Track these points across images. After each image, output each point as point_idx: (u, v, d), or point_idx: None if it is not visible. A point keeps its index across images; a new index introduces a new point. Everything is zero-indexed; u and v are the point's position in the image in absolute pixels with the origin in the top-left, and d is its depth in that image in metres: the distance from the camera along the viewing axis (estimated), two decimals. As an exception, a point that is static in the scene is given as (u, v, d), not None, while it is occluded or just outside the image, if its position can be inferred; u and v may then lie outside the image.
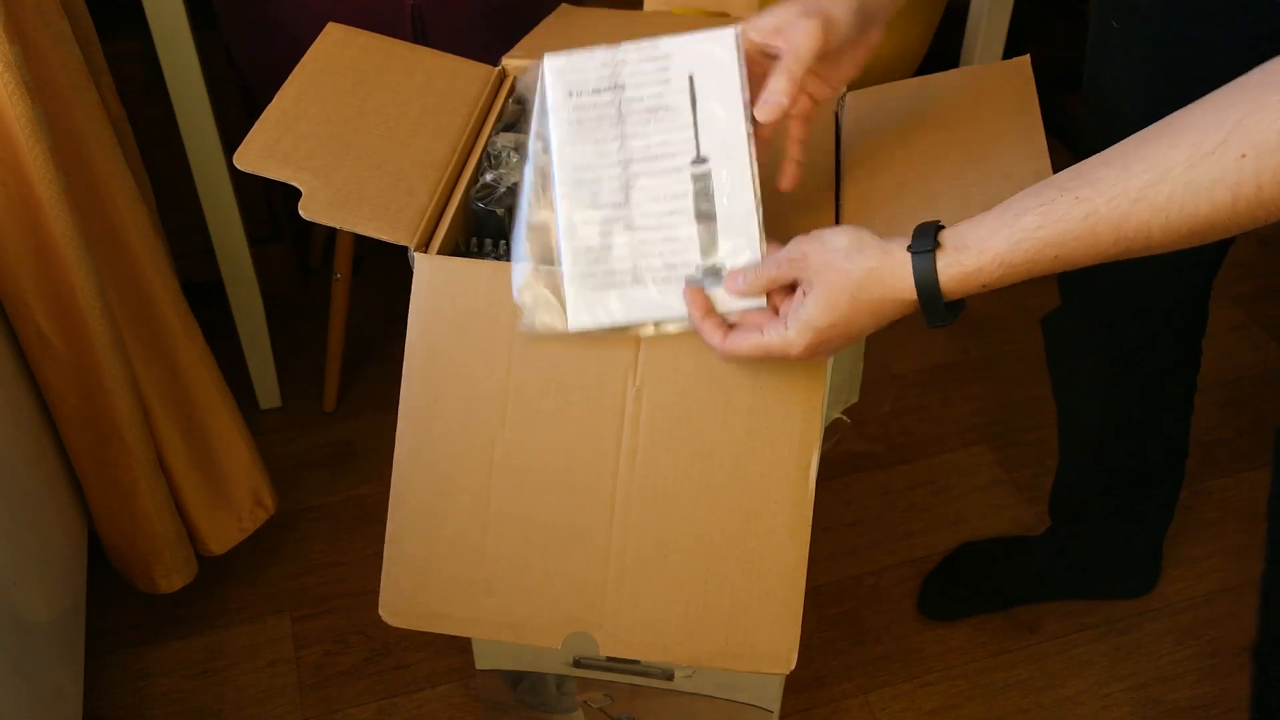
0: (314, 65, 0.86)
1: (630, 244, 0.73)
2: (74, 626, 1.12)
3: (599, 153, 0.74)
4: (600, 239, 0.74)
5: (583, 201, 0.74)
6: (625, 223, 0.73)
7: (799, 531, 0.71)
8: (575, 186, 0.74)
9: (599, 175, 0.74)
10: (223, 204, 1.30)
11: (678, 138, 0.73)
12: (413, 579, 0.74)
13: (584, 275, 0.73)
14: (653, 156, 0.73)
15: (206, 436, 1.19)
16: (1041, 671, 1.23)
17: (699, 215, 0.73)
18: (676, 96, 0.73)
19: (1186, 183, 0.53)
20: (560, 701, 1.04)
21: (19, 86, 0.85)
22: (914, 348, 1.61)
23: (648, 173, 0.73)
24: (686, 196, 0.73)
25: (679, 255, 0.73)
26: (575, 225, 0.74)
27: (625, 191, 0.74)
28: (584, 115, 0.74)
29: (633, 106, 0.73)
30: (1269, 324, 1.64)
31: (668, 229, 0.73)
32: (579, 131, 0.74)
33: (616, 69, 0.74)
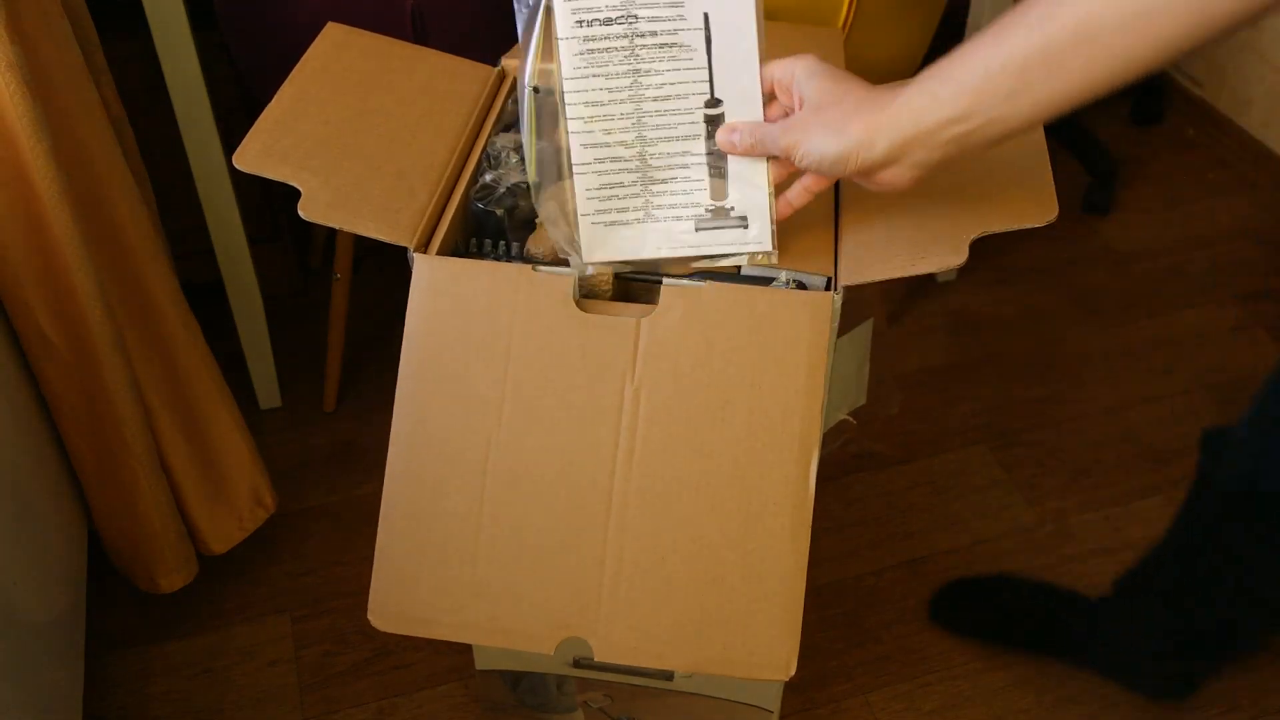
0: (314, 65, 0.86)
1: (642, 183, 0.75)
2: (74, 626, 1.12)
3: (611, 88, 0.73)
4: (612, 177, 0.75)
5: (594, 138, 0.74)
6: (637, 162, 0.75)
7: (799, 534, 0.71)
8: (587, 123, 0.74)
9: (611, 112, 0.74)
10: (223, 204, 1.30)
11: (691, 77, 0.73)
12: (403, 583, 0.73)
13: (596, 213, 0.75)
14: (665, 96, 0.73)
15: (207, 436, 1.19)
16: (1041, 671, 1.23)
17: (710, 157, 0.75)
18: (691, 34, 0.72)
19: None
20: (560, 701, 1.04)
21: (20, 87, 0.85)
22: (915, 348, 1.61)
23: (660, 111, 0.74)
24: (699, 139, 0.74)
25: (689, 196, 0.75)
26: (587, 163, 0.75)
27: (638, 130, 0.74)
28: (594, 47, 0.73)
29: (645, 41, 0.72)
30: (1269, 324, 1.64)
31: (679, 169, 0.75)
32: (589, 63, 0.73)
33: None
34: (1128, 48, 0.57)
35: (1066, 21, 0.58)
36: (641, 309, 0.74)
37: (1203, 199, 1.88)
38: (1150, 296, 1.69)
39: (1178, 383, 1.56)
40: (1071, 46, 0.58)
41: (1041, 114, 0.62)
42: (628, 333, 0.73)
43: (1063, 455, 1.46)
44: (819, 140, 0.68)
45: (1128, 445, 1.47)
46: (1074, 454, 1.46)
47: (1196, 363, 1.59)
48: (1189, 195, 1.88)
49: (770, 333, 0.73)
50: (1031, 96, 0.60)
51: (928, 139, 0.64)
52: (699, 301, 0.73)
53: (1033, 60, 0.59)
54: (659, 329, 0.73)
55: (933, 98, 0.63)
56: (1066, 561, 1.34)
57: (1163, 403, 1.53)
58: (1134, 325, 1.65)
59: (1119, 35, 0.57)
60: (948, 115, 0.63)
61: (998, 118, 0.62)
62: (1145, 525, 1.38)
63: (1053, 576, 1.32)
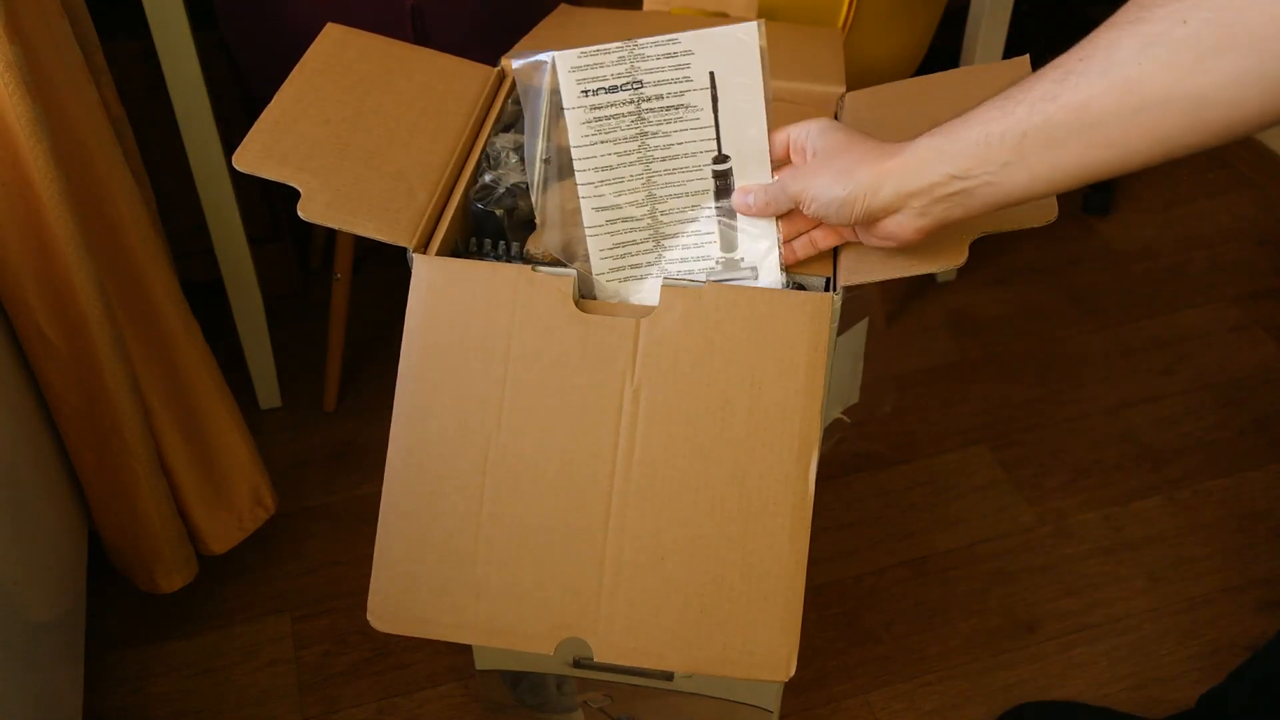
0: (313, 65, 0.86)
1: (653, 239, 0.77)
2: (74, 626, 1.12)
3: (619, 152, 0.75)
4: (624, 237, 0.77)
5: (605, 202, 0.76)
6: (648, 220, 0.77)
7: (799, 534, 0.71)
8: (598, 187, 0.76)
9: (621, 174, 0.76)
10: (223, 204, 1.30)
11: (698, 136, 0.75)
12: (402, 583, 0.73)
13: (611, 271, 0.78)
14: (673, 155, 0.75)
15: (207, 436, 1.19)
16: (1041, 671, 1.23)
17: (720, 212, 0.77)
18: (696, 94, 0.74)
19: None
20: (560, 701, 1.04)
21: (19, 86, 0.85)
22: (914, 348, 1.61)
23: (669, 171, 0.76)
24: (708, 194, 0.77)
25: (700, 250, 0.77)
26: (599, 225, 0.77)
27: (648, 190, 0.76)
28: (601, 115, 0.75)
29: (652, 105, 0.74)
30: (1269, 324, 1.64)
31: (690, 224, 0.77)
32: (597, 131, 0.75)
33: (634, 65, 0.73)
34: (1125, 140, 0.59)
35: (1068, 103, 0.60)
36: (641, 309, 0.74)
37: (1203, 199, 1.88)
38: (1150, 296, 1.69)
39: (1178, 383, 1.56)
40: (1069, 130, 0.60)
41: (1041, 187, 0.64)
42: (627, 333, 0.73)
43: (1063, 455, 1.46)
44: (827, 185, 0.70)
45: (1128, 445, 1.47)
46: (1074, 454, 1.46)
47: (1196, 363, 1.59)
48: (1189, 195, 1.89)
49: (770, 333, 0.73)
50: (1028, 169, 0.62)
51: (930, 190, 0.66)
52: (699, 301, 0.73)
53: (1031, 135, 0.61)
54: (659, 329, 0.73)
55: (938, 152, 0.65)
56: (1066, 561, 1.34)
57: (1163, 403, 1.53)
58: (1134, 325, 1.65)
59: (1117, 126, 0.59)
60: (949, 171, 0.65)
61: (995, 183, 0.64)
62: (1145, 525, 1.38)
63: (1053, 576, 1.32)
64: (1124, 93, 0.58)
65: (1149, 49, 0.57)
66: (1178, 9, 0.56)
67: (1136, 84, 0.57)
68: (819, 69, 0.96)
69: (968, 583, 1.32)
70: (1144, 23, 0.57)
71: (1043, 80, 0.62)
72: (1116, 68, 0.58)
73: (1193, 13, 0.55)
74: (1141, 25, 0.58)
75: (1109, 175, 0.62)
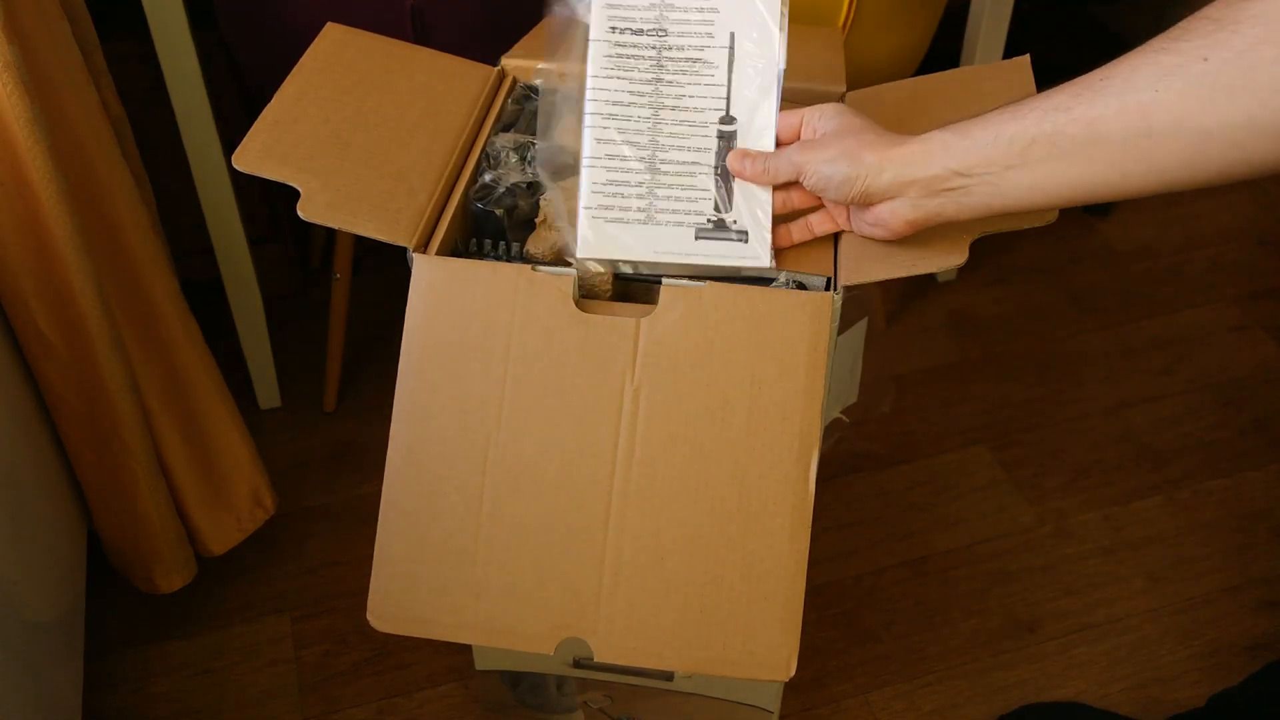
0: (313, 65, 0.86)
1: (648, 185, 0.77)
2: (74, 626, 1.12)
3: (633, 92, 0.77)
4: (620, 175, 0.77)
5: (609, 135, 0.77)
6: (647, 164, 0.77)
7: (799, 534, 0.71)
8: (605, 119, 0.77)
9: (629, 114, 0.77)
10: (223, 204, 1.30)
11: (710, 93, 0.77)
12: (402, 583, 0.73)
13: (599, 208, 0.77)
14: (683, 107, 0.77)
15: (206, 436, 1.19)
16: (1041, 671, 1.23)
17: (718, 172, 0.77)
18: (716, 52, 0.76)
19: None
20: (560, 702, 1.04)
21: (19, 86, 0.85)
22: (914, 348, 1.61)
23: (675, 121, 0.77)
24: (710, 152, 0.77)
25: (693, 205, 0.78)
26: (598, 158, 0.77)
27: (652, 134, 0.77)
28: (623, 52, 0.77)
29: (672, 54, 0.76)
30: (1269, 324, 1.64)
31: (687, 178, 0.77)
32: (616, 65, 0.77)
33: (663, 13, 0.77)
34: (1125, 163, 0.61)
35: (1079, 116, 0.61)
36: (641, 309, 0.74)
37: (1203, 199, 1.88)
38: (1150, 296, 1.69)
39: (1178, 383, 1.56)
40: (1075, 143, 0.62)
41: (1038, 198, 0.65)
42: (627, 333, 0.73)
43: (1063, 455, 1.46)
44: (831, 159, 0.71)
45: (1128, 445, 1.47)
46: (1074, 454, 1.46)
47: (1196, 363, 1.59)
48: (1189, 195, 1.88)
49: (770, 333, 0.73)
50: (1030, 175, 0.64)
51: (931, 182, 0.67)
52: (699, 301, 0.73)
53: (1039, 142, 0.63)
54: (659, 329, 0.73)
55: (945, 146, 0.67)
56: (1066, 561, 1.34)
57: (1163, 403, 1.53)
58: (1134, 325, 1.65)
59: (1121, 148, 0.60)
60: (953, 166, 0.66)
61: (996, 185, 0.65)
62: (1145, 525, 1.38)
63: (1053, 576, 1.32)
64: (1135, 116, 0.60)
65: (1167, 78, 0.59)
66: (1202, 45, 0.57)
67: (1148, 109, 0.59)
68: (819, 69, 0.95)
69: (968, 583, 1.32)
70: (1167, 53, 0.59)
71: (1061, 92, 0.63)
72: (1132, 92, 0.60)
73: (1215, 51, 0.57)
74: (1165, 55, 0.59)
75: (1104, 198, 0.63)
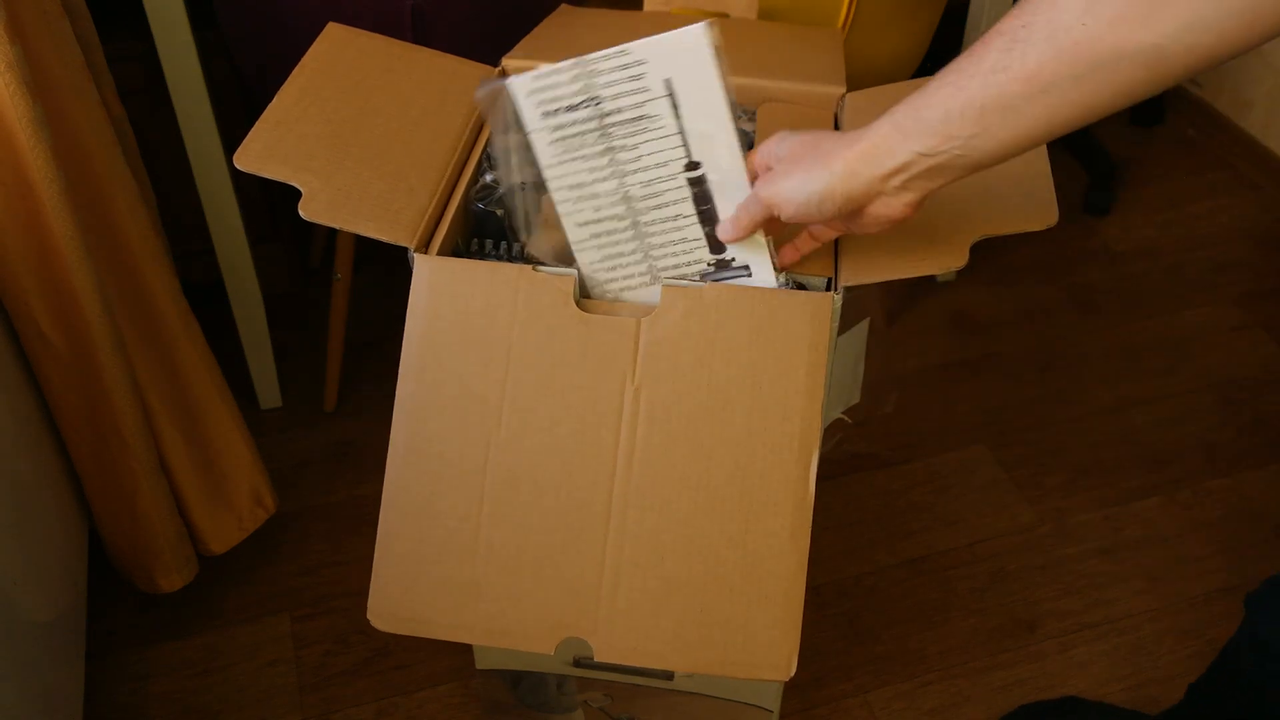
0: (314, 65, 0.86)
1: (641, 250, 0.76)
2: (74, 626, 1.12)
3: (590, 168, 0.74)
4: (611, 249, 0.76)
5: (586, 218, 0.75)
6: (632, 230, 0.76)
7: (799, 534, 0.71)
8: (576, 204, 0.75)
9: (596, 190, 0.75)
10: (223, 204, 1.30)
11: (665, 145, 0.73)
12: (402, 583, 0.73)
13: (605, 283, 0.77)
14: (644, 167, 0.74)
15: (207, 436, 1.19)
16: (1041, 671, 1.23)
17: (702, 217, 0.75)
18: (656, 103, 0.71)
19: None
20: (560, 701, 1.04)
21: (20, 87, 0.85)
22: (914, 348, 1.61)
23: (643, 183, 0.74)
24: (687, 201, 0.75)
25: (690, 255, 0.76)
26: (585, 240, 0.76)
27: (626, 203, 0.75)
28: (565, 134, 0.73)
29: (613, 119, 0.72)
30: (1269, 324, 1.64)
31: (675, 232, 0.76)
32: (564, 150, 0.74)
33: (590, 81, 0.71)
34: (1085, 97, 0.58)
35: (1018, 74, 0.58)
36: (642, 309, 0.74)
37: (1203, 199, 1.88)
38: (1150, 296, 1.69)
39: (1178, 383, 1.56)
40: (1026, 98, 0.59)
41: (1011, 150, 0.62)
42: (628, 333, 0.73)
43: (1063, 455, 1.46)
44: (801, 183, 0.68)
45: (1128, 445, 1.47)
46: (1074, 454, 1.46)
47: (1196, 363, 1.59)
48: (1189, 195, 1.89)
49: (770, 333, 0.73)
50: (994, 138, 0.61)
51: (904, 169, 0.65)
52: (699, 301, 0.73)
53: (990, 108, 0.60)
54: (659, 329, 0.73)
55: (901, 132, 0.64)
56: (1066, 561, 1.34)
57: (1163, 403, 1.53)
58: (1134, 325, 1.65)
59: (1074, 87, 0.57)
60: (917, 150, 0.63)
61: (965, 154, 0.62)
62: (1145, 525, 1.38)
63: (1053, 576, 1.32)
64: (1074, 58, 0.56)
65: (1093, 8, 0.55)
66: None
67: (1085, 46, 0.55)
68: (819, 69, 0.95)
69: (968, 583, 1.32)
70: None
71: (990, 50, 0.60)
72: (1062, 32, 0.56)
73: None
74: None
75: (1083, 124, 0.60)
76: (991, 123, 0.60)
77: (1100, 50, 0.55)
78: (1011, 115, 0.60)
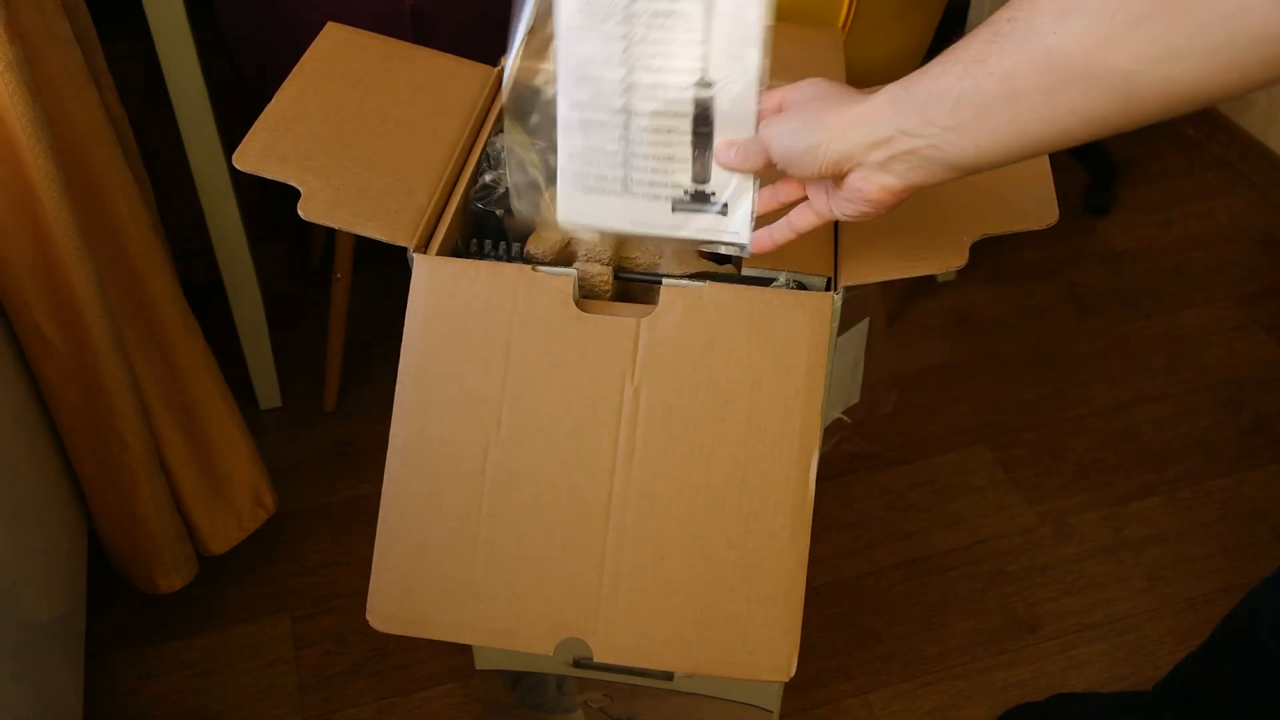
0: (314, 65, 0.86)
1: (624, 153, 0.72)
2: (74, 626, 1.12)
3: (604, 50, 0.69)
4: (595, 141, 0.72)
5: (582, 99, 0.71)
6: (622, 129, 0.71)
7: (799, 534, 0.71)
8: (577, 81, 0.71)
9: (600, 74, 0.70)
10: (223, 204, 1.30)
11: (686, 52, 0.69)
12: (401, 583, 0.73)
13: (576, 174, 0.73)
14: (657, 68, 0.69)
15: (207, 436, 1.19)
16: (1041, 671, 1.23)
17: (696, 139, 0.71)
18: (691, 4, 0.67)
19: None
20: (560, 701, 1.04)
21: (20, 87, 0.85)
22: (914, 348, 1.61)
23: (650, 83, 0.70)
24: (687, 118, 0.70)
25: (670, 175, 0.72)
26: (573, 122, 0.72)
27: (626, 96, 0.70)
28: (591, 4, 0.69)
29: (642, 5, 0.68)
30: (1269, 324, 1.64)
31: (663, 146, 0.71)
32: (585, 20, 0.69)
33: None
34: (1054, 116, 0.55)
35: (994, 70, 0.56)
36: (641, 309, 0.74)
37: (1203, 199, 1.88)
38: (1150, 296, 1.69)
39: (1178, 383, 1.56)
40: (997, 99, 0.56)
41: (985, 157, 0.59)
42: (628, 333, 0.73)
43: (1063, 455, 1.46)
44: (793, 131, 0.66)
45: (1128, 445, 1.47)
46: (1074, 454, 1.46)
47: (1196, 363, 1.59)
48: (1189, 195, 1.89)
49: (770, 333, 0.73)
50: (968, 136, 0.58)
51: (886, 144, 0.62)
52: (699, 301, 0.73)
53: (964, 102, 0.57)
54: (659, 329, 0.73)
55: (894, 104, 0.61)
56: (1066, 561, 1.34)
57: (1163, 403, 1.53)
58: (1134, 325, 1.65)
59: (1044, 102, 0.54)
60: (900, 126, 0.61)
61: (940, 147, 0.60)
62: (1145, 525, 1.38)
63: (1053, 576, 1.32)
64: (1044, 66, 0.53)
65: (1065, 17, 0.51)
66: None
67: (1056, 57, 0.52)
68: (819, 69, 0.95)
69: (968, 583, 1.32)
70: None
71: (977, 38, 0.57)
72: (1036, 35, 0.53)
73: None
74: None
75: (1056, 147, 0.57)
76: (965, 119, 0.58)
77: (1071, 65, 0.52)
78: (983, 117, 0.57)
